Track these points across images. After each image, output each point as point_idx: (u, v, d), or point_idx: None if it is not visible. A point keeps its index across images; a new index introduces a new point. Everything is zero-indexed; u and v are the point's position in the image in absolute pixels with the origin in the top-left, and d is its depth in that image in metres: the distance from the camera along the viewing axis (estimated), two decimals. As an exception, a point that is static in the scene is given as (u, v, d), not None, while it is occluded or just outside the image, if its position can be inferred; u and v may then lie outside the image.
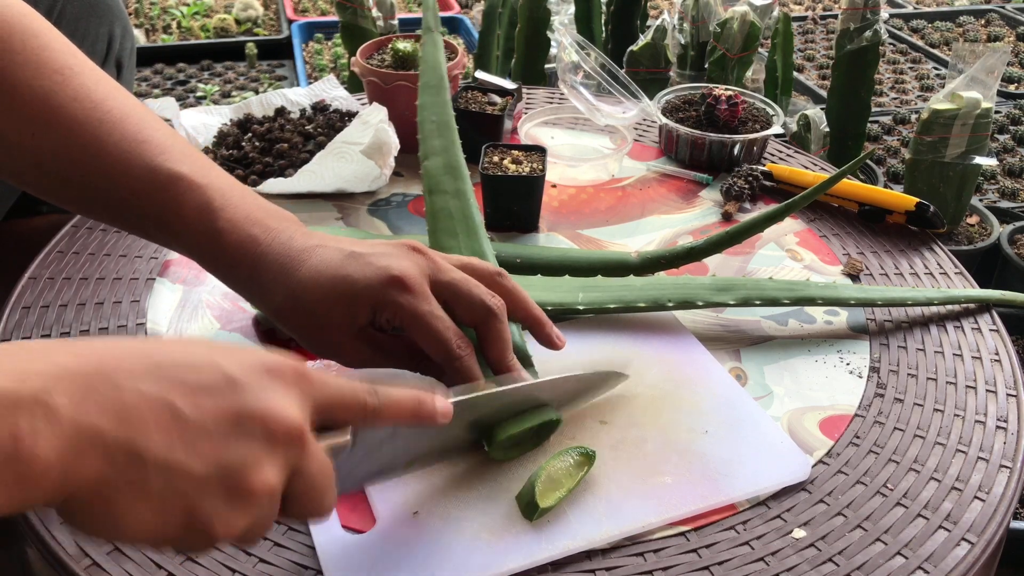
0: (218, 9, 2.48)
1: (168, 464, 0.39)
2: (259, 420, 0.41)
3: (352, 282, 0.57)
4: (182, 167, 0.59)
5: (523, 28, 1.57)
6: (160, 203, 0.59)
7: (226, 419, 0.41)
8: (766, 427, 0.64)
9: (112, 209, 0.61)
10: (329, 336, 0.58)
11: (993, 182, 1.69)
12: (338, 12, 1.55)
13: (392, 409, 0.48)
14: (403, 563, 0.53)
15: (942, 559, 0.56)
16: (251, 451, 0.41)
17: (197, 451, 0.40)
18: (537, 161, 0.87)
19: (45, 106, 0.59)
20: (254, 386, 0.42)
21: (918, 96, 2.03)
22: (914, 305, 0.77)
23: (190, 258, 0.61)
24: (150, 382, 0.40)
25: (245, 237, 0.59)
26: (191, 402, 0.40)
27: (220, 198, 0.59)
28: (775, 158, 1.01)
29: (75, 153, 0.59)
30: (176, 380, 0.41)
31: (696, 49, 1.51)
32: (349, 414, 0.47)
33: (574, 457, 0.58)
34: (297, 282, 0.57)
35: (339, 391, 0.46)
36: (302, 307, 0.58)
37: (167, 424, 0.40)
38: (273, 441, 0.42)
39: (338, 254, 0.58)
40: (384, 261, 0.57)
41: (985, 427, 0.66)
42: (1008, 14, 2.43)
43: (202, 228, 0.58)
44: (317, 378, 0.46)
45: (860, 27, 1.36)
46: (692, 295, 0.73)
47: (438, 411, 0.50)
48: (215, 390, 0.41)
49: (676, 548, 0.56)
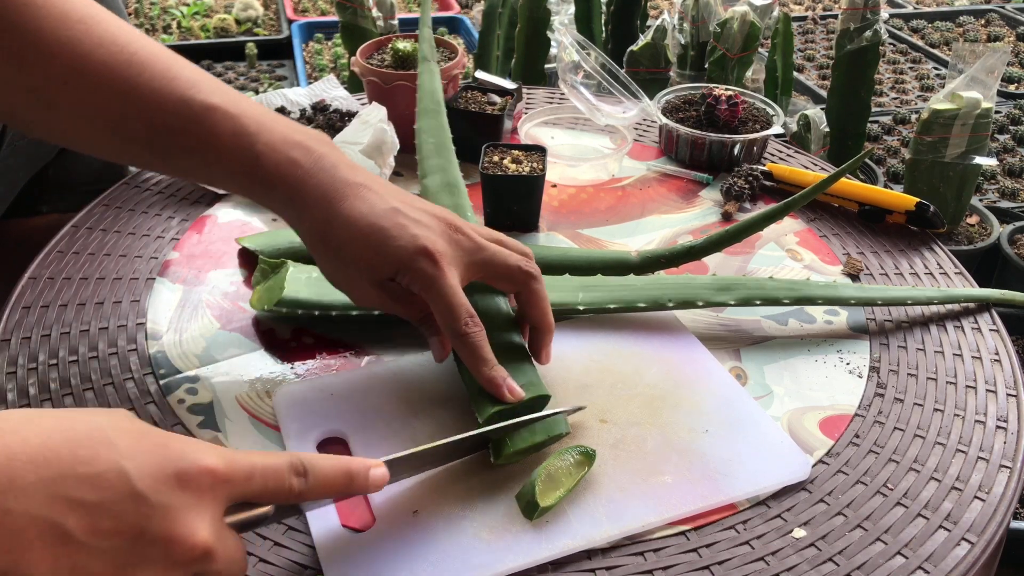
0: (218, 9, 2.48)
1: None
2: (161, 544, 0.40)
3: (386, 238, 0.59)
4: (214, 98, 0.60)
5: (523, 28, 1.57)
6: (196, 134, 0.60)
7: (123, 541, 0.39)
8: (766, 427, 0.64)
9: (148, 149, 0.62)
10: (348, 274, 0.61)
11: (993, 182, 1.69)
12: (338, 12, 1.56)
13: (321, 489, 0.47)
14: (403, 562, 0.53)
15: (942, 559, 0.56)
16: (149, 573, 0.40)
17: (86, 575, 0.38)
18: (537, 161, 0.87)
19: (73, 55, 0.59)
20: (161, 504, 0.40)
21: (918, 96, 2.03)
22: (914, 304, 0.77)
23: (227, 188, 0.64)
24: (42, 501, 0.38)
25: (284, 159, 0.60)
26: (85, 524, 0.38)
27: (255, 124, 0.60)
28: (775, 158, 1.01)
29: (107, 97, 0.60)
30: (73, 499, 0.39)
31: (696, 49, 1.51)
32: (274, 500, 0.46)
33: (574, 456, 0.58)
34: (335, 215, 0.59)
35: (262, 484, 0.45)
36: (332, 240, 0.60)
37: (56, 550, 0.38)
38: (175, 564, 0.41)
39: (381, 204, 0.60)
40: (423, 231, 0.59)
41: (985, 427, 0.66)
42: (1008, 14, 2.43)
43: (240, 154, 0.60)
44: (238, 475, 0.44)
45: (860, 27, 1.36)
46: (692, 295, 0.73)
47: (370, 482, 0.50)
48: (114, 510, 0.39)
49: (676, 548, 0.56)
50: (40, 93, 0.60)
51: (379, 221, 0.59)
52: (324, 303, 0.70)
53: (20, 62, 0.59)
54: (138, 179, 0.91)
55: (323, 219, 0.59)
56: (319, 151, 0.61)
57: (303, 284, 0.71)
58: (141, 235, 0.83)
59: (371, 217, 0.59)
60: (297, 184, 0.60)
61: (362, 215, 0.59)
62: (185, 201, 0.89)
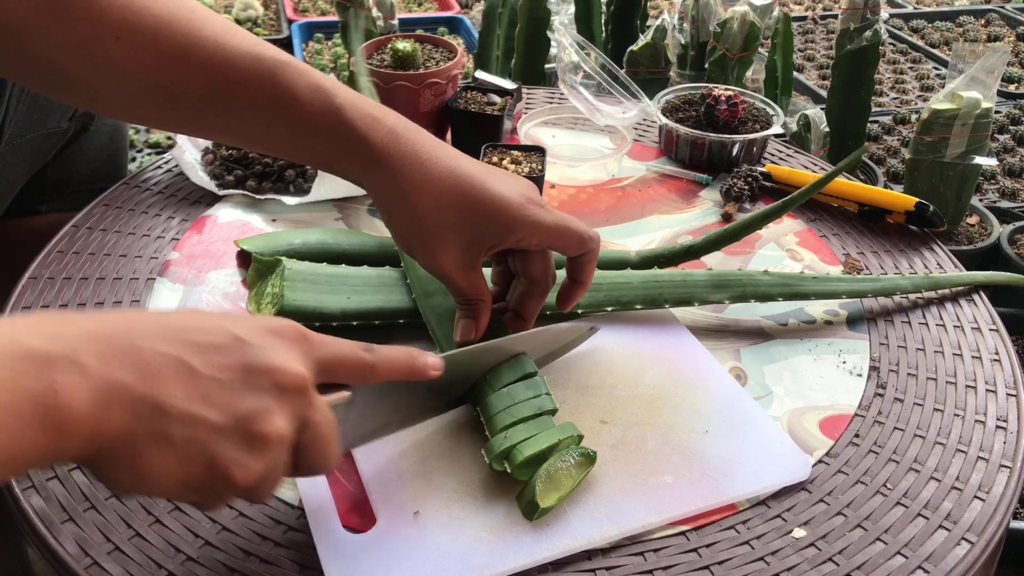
0: (218, 9, 2.48)
1: (188, 414, 0.42)
2: (267, 373, 0.44)
3: (496, 196, 0.59)
4: (282, 56, 0.60)
5: (523, 28, 1.57)
6: (272, 84, 0.59)
7: (237, 373, 0.44)
8: (766, 427, 0.64)
9: (201, 108, 0.60)
10: (440, 233, 0.60)
11: (993, 182, 1.69)
12: (338, 12, 1.55)
13: (387, 365, 0.51)
14: (403, 563, 0.53)
15: (942, 559, 0.56)
16: (262, 401, 0.44)
17: (213, 402, 0.43)
18: (536, 161, 0.87)
19: (127, 11, 0.57)
20: (260, 344, 0.45)
21: (918, 96, 2.03)
22: (903, 294, 0.77)
23: (292, 147, 0.62)
24: (165, 343, 0.43)
25: (367, 115, 0.60)
26: (204, 360, 0.43)
27: (329, 81, 0.60)
28: (775, 158, 1.01)
29: (166, 52, 0.58)
30: (188, 341, 0.43)
31: (696, 49, 1.51)
32: (348, 371, 0.50)
33: (575, 457, 0.58)
34: (436, 173, 0.59)
35: (338, 349, 0.49)
36: (430, 197, 0.59)
37: (184, 379, 0.42)
38: (281, 391, 0.45)
39: (477, 166, 0.61)
40: (521, 188, 0.61)
41: (985, 427, 0.66)
42: (1008, 14, 2.43)
43: (321, 106, 0.59)
44: (317, 339, 0.48)
45: (860, 27, 1.36)
46: (688, 294, 0.73)
47: (429, 365, 0.53)
48: (224, 348, 0.44)
49: (676, 548, 0.56)
50: (88, 50, 0.58)
51: (485, 181, 0.59)
52: (325, 312, 0.69)
53: (66, 16, 0.56)
54: (138, 179, 0.91)
55: (420, 177, 0.59)
56: (393, 113, 0.61)
57: (302, 286, 0.70)
58: (141, 235, 0.83)
59: (476, 178, 0.59)
60: (386, 139, 0.59)
61: (468, 174, 0.59)
62: (185, 201, 0.89)
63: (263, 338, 0.45)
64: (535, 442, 0.57)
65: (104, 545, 0.55)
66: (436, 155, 0.60)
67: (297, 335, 0.47)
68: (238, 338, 0.45)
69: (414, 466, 0.59)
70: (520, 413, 0.58)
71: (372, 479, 0.58)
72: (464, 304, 0.63)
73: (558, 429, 0.58)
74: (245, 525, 0.57)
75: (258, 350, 0.45)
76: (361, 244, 0.78)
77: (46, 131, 0.92)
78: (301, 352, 0.47)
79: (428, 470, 0.59)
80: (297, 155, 0.63)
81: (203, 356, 0.43)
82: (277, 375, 0.45)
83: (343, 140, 0.59)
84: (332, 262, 0.73)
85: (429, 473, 0.59)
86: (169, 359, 0.42)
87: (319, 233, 0.79)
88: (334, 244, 0.78)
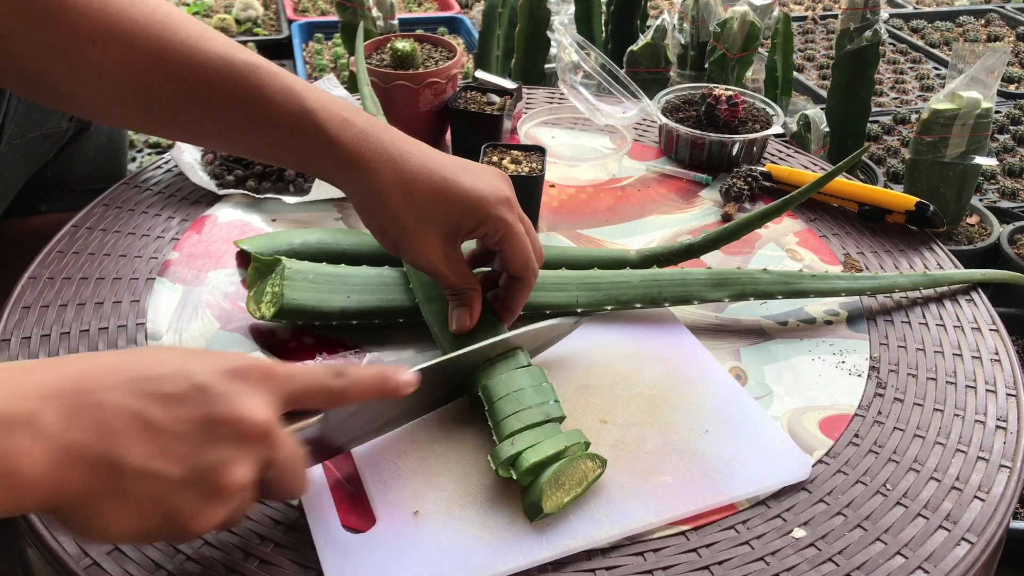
0: (218, 9, 2.48)
1: (146, 471, 0.42)
2: (228, 424, 0.44)
3: (467, 189, 0.60)
4: (255, 58, 0.60)
5: (523, 28, 1.57)
6: (243, 88, 0.59)
7: (197, 425, 0.44)
8: (766, 427, 0.64)
9: (186, 107, 0.60)
10: (419, 228, 0.61)
11: (993, 182, 1.69)
12: (338, 12, 1.56)
13: (358, 388, 0.51)
14: (403, 563, 0.53)
15: (942, 559, 0.56)
16: (223, 452, 0.44)
17: (172, 456, 0.43)
18: (536, 161, 0.87)
19: (103, 14, 0.58)
20: (222, 391, 0.45)
21: (918, 96, 2.03)
22: (902, 292, 0.77)
23: (266, 148, 0.62)
24: (124, 396, 0.43)
25: (337, 117, 0.60)
26: (164, 412, 0.43)
27: (300, 84, 0.61)
28: (775, 158, 1.01)
29: (140, 56, 0.59)
30: (148, 393, 0.43)
31: (696, 49, 1.51)
32: (317, 400, 0.50)
33: (586, 464, 0.57)
34: (406, 170, 0.60)
35: (306, 381, 0.49)
36: (402, 195, 0.60)
37: (143, 434, 0.42)
38: (243, 440, 0.45)
39: (449, 161, 0.62)
40: (495, 181, 0.62)
41: (985, 427, 0.66)
42: (1008, 14, 2.43)
43: (290, 108, 0.60)
44: (283, 374, 0.48)
45: (860, 27, 1.36)
46: (688, 292, 0.73)
47: (402, 384, 0.53)
48: (185, 399, 0.44)
49: (676, 548, 0.56)
50: (66, 53, 0.58)
51: (457, 175, 0.60)
52: (325, 311, 0.69)
53: (45, 20, 0.57)
54: (138, 179, 0.91)
55: (393, 174, 0.60)
56: (362, 115, 0.61)
57: (302, 285, 0.70)
58: (141, 235, 0.83)
59: (448, 171, 0.60)
60: (356, 139, 0.60)
61: (438, 168, 0.60)
62: (185, 201, 0.89)
63: (225, 383, 0.45)
64: (541, 448, 0.56)
65: (103, 546, 0.55)
66: (407, 151, 0.61)
67: (262, 374, 0.47)
68: (199, 386, 0.44)
69: (414, 466, 0.59)
70: (528, 419, 0.58)
71: (372, 479, 0.58)
72: (455, 295, 0.64)
73: (565, 436, 0.58)
74: (245, 525, 0.56)
75: (219, 399, 0.44)
76: (361, 244, 0.78)
77: (46, 131, 0.92)
78: (266, 391, 0.47)
79: (428, 470, 0.59)
80: (272, 157, 0.64)
81: (163, 408, 0.43)
82: (238, 424, 0.44)
83: (315, 142, 0.60)
84: (332, 262, 0.73)
85: (429, 473, 0.59)
86: (129, 414, 0.42)
87: (319, 233, 0.79)
88: (334, 244, 0.78)
